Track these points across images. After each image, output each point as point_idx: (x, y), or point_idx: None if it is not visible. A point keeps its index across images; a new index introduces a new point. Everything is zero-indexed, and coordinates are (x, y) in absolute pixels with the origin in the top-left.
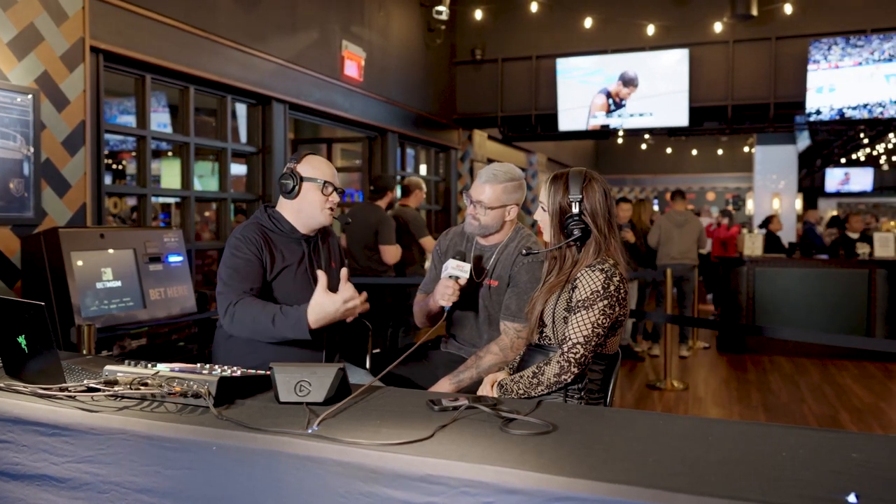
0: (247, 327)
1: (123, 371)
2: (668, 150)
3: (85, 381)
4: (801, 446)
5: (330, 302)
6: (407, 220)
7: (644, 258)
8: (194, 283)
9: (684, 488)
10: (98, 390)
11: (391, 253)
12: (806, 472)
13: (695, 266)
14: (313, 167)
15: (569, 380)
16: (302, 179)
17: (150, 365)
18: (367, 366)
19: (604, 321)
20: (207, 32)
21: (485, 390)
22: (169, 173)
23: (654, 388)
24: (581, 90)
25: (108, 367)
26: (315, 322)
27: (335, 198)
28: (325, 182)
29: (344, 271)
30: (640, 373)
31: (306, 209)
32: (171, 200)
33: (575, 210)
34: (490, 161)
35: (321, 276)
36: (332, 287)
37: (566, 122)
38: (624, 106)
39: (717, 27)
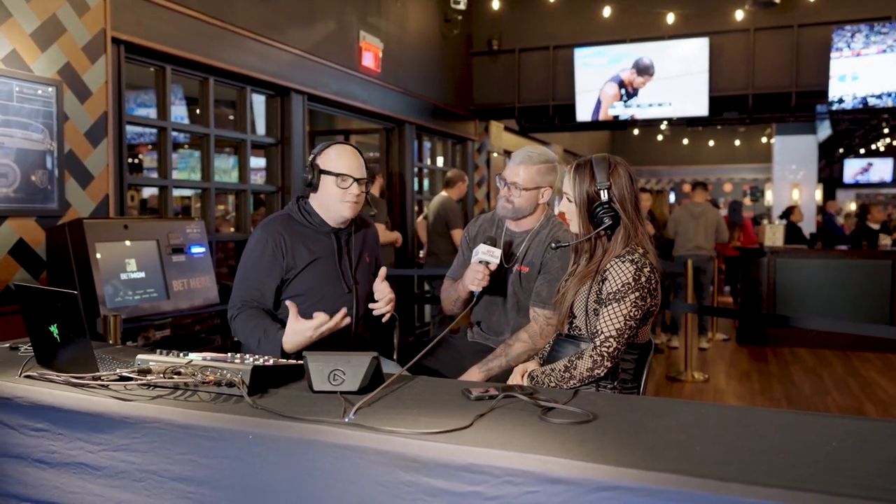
0: (242, 339)
1: (156, 360)
2: (685, 141)
3: (118, 370)
4: (850, 435)
5: (300, 330)
6: (447, 209)
7: (663, 250)
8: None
9: (735, 477)
10: (131, 379)
11: (381, 231)
12: (860, 461)
13: (712, 258)
14: (331, 159)
15: (602, 374)
16: (320, 172)
17: (182, 354)
18: (395, 357)
19: (636, 313)
20: (226, 23)
21: (515, 381)
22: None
23: (674, 380)
24: (594, 76)
25: (140, 356)
26: (291, 348)
27: (354, 189)
28: (341, 175)
29: (382, 271)
30: (660, 365)
31: (326, 202)
32: (190, 192)
33: (604, 197)
34: (507, 152)
35: (291, 305)
36: (364, 281)
37: (584, 112)
38: (637, 96)
39: (738, 15)
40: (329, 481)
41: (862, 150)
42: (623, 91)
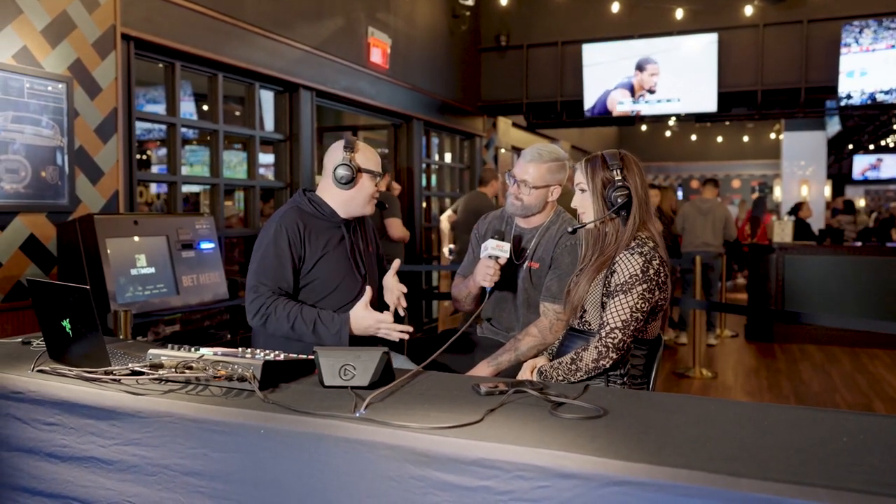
0: (282, 329)
1: (168, 355)
2: (693, 137)
3: (129, 365)
4: (861, 431)
5: (368, 316)
6: (484, 207)
7: (670, 246)
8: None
9: (746, 473)
10: (143, 374)
11: (396, 226)
12: (871, 457)
13: (720, 254)
14: (368, 158)
15: (607, 365)
16: (360, 170)
17: (193, 349)
18: (405, 351)
19: (643, 305)
20: (235, 19)
21: (524, 376)
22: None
23: (682, 377)
24: (602, 72)
25: (151, 351)
26: (359, 329)
27: (382, 187)
28: (378, 173)
29: (396, 263)
30: (668, 361)
31: (357, 199)
32: (197, 188)
33: (617, 176)
34: (515, 148)
35: (368, 290)
36: (371, 272)
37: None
38: (654, 93)
39: (748, 10)
40: (340, 476)
41: (871, 146)
42: (632, 94)
